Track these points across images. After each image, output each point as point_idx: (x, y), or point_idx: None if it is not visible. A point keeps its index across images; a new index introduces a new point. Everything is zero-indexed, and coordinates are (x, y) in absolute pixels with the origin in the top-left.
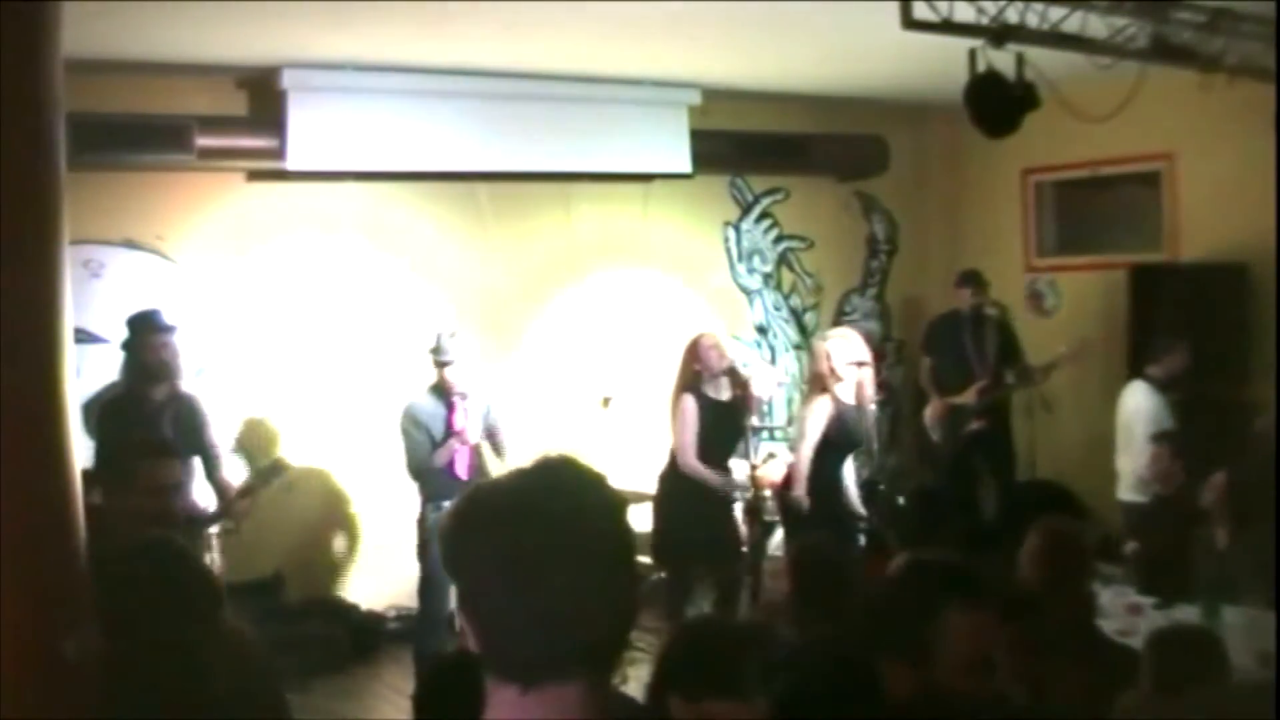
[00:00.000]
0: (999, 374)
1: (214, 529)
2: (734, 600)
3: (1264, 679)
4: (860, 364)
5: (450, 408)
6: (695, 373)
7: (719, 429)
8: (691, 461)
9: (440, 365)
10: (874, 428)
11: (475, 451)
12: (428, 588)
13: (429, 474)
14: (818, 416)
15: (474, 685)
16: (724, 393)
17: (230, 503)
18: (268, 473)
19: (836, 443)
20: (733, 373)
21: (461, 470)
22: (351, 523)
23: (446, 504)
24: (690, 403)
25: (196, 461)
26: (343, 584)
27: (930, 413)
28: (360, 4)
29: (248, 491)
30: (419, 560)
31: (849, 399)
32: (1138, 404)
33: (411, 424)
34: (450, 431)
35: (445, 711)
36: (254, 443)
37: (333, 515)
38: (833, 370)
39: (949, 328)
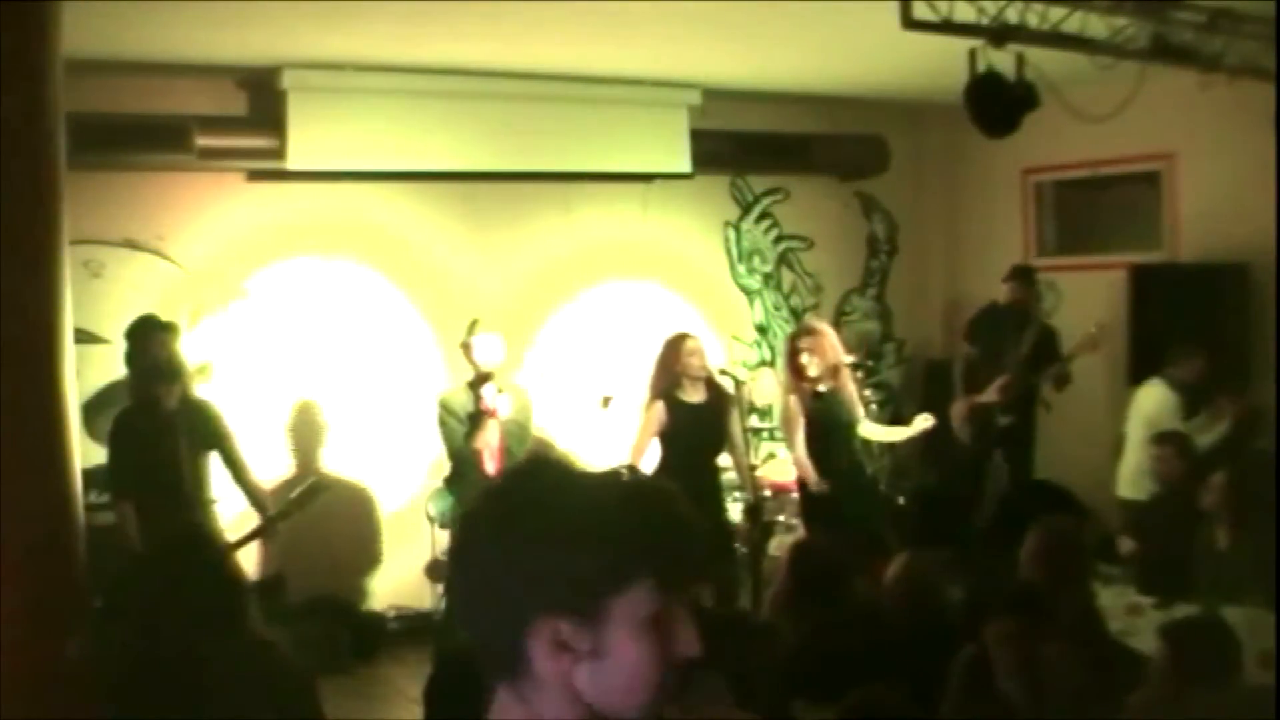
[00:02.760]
0: (1026, 372)
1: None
2: (733, 599)
3: (1264, 680)
4: (836, 364)
5: (480, 394)
6: (675, 375)
7: (694, 432)
8: (636, 462)
9: (467, 350)
10: (856, 406)
11: (504, 451)
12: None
13: (464, 466)
14: (792, 414)
15: (468, 685)
16: (699, 395)
17: (270, 523)
18: (309, 494)
19: (820, 428)
20: (710, 380)
21: (491, 467)
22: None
23: None
24: (660, 410)
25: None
26: (344, 584)
27: (957, 411)
28: (360, 4)
29: (288, 514)
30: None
31: (823, 386)
32: (1157, 402)
33: (445, 411)
34: (476, 413)
35: (455, 708)
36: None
37: (338, 518)
38: (801, 367)
39: (991, 320)
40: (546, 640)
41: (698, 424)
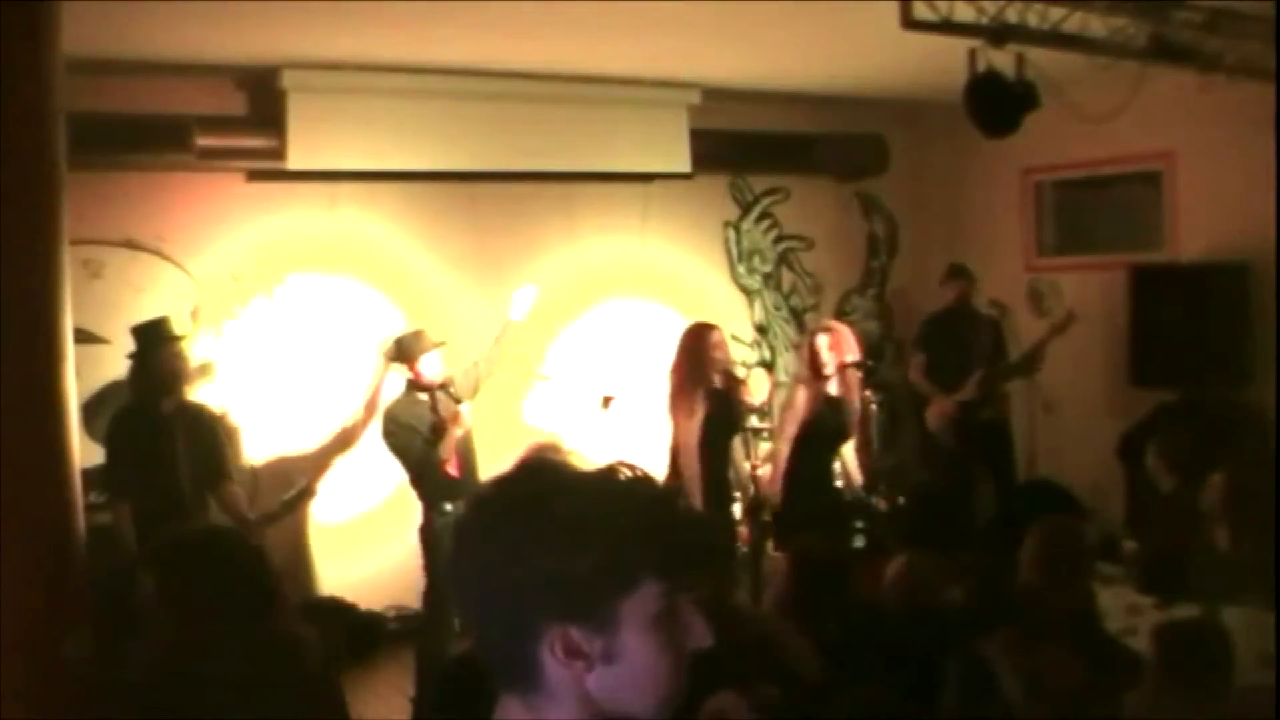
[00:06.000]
0: (995, 366)
1: None
2: (728, 591)
3: (1264, 680)
4: (849, 363)
5: (430, 403)
6: (704, 367)
7: (719, 418)
8: (695, 465)
9: (406, 363)
10: (858, 422)
11: (461, 450)
12: (434, 592)
13: (431, 473)
14: (797, 408)
15: (477, 687)
16: (718, 382)
17: (259, 525)
18: (297, 499)
19: (819, 435)
20: (729, 372)
21: (453, 468)
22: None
23: (449, 507)
24: (700, 400)
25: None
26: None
27: (934, 413)
28: (360, 4)
29: (276, 518)
30: (425, 565)
31: (833, 391)
32: None
33: (394, 424)
34: (438, 425)
35: (450, 712)
36: None
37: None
38: (820, 364)
39: (944, 323)
40: (558, 648)
41: (724, 410)
